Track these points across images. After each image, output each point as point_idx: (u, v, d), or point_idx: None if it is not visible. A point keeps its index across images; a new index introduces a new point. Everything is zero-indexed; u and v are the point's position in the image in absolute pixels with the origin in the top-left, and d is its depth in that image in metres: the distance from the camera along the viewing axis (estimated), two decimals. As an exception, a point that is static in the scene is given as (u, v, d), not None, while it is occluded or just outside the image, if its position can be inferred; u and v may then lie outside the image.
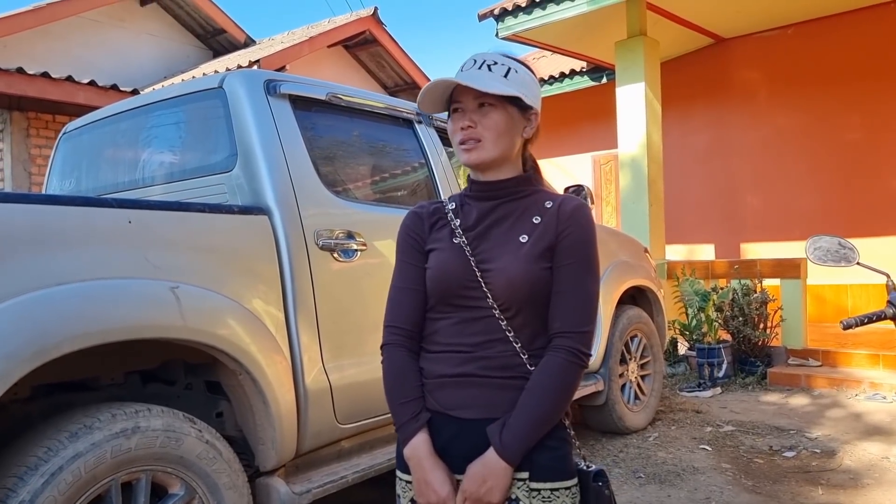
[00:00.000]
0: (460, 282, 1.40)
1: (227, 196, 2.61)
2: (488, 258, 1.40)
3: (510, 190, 1.46)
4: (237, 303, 2.32)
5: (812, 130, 7.94)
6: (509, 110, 1.41)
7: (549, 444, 1.38)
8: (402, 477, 1.46)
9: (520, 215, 1.44)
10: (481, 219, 1.46)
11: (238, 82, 2.67)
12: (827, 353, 6.11)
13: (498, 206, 1.46)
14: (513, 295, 1.37)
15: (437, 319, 1.45)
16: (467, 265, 1.40)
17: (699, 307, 6.35)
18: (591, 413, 4.52)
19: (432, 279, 1.44)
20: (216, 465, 2.18)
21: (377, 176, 3.21)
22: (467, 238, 1.43)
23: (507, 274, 1.38)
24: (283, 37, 12.89)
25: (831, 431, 4.50)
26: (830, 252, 2.19)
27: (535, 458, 1.36)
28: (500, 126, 1.41)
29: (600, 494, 1.41)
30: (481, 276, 1.39)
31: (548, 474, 1.37)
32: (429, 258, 1.47)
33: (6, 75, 7.10)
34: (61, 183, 3.37)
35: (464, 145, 1.42)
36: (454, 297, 1.42)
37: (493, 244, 1.42)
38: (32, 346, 1.79)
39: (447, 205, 1.52)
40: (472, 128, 1.41)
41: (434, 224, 1.50)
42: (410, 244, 1.50)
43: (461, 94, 1.42)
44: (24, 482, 1.78)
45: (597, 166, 10.03)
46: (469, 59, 1.44)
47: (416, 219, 1.52)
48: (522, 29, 7.23)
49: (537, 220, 1.43)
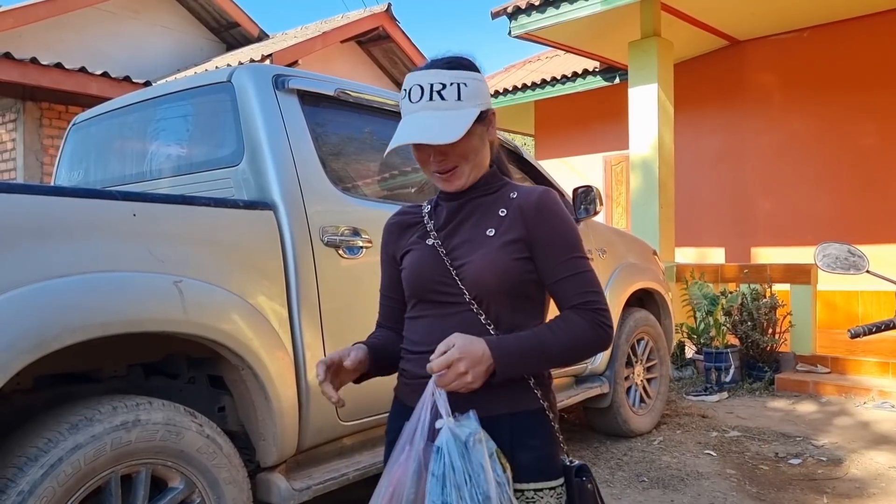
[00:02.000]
0: (433, 278, 1.42)
1: (234, 190, 2.61)
2: (459, 254, 1.42)
3: (479, 188, 1.47)
4: (241, 298, 2.31)
5: (826, 135, 7.87)
6: (474, 129, 1.38)
7: (533, 443, 1.37)
8: None
9: (486, 210, 1.46)
10: (451, 217, 1.48)
11: (246, 77, 2.66)
12: (836, 359, 6.06)
13: (466, 203, 1.48)
14: (483, 286, 1.38)
15: (416, 318, 1.48)
16: (440, 262, 1.42)
17: (707, 311, 6.31)
18: (595, 415, 4.50)
19: (407, 279, 1.48)
20: (216, 459, 2.17)
21: (384, 173, 3.20)
22: (440, 237, 1.46)
23: (478, 265, 1.38)
24: (297, 31, 12.90)
25: (838, 439, 4.46)
26: (839, 259, 2.16)
27: (517, 458, 1.35)
28: (472, 148, 1.41)
29: (583, 490, 1.40)
30: (454, 272, 1.40)
31: (531, 475, 1.36)
32: (403, 260, 1.51)
33: (20, 65, 7.14)
34: (70, 174, 3.38)
35: (441, 175, 1.42)
36: (430, 293, 1.44)
37: (462, 239, 1.44)
38: (34, 337, 1.79)
39: (424, 207, 1.55)
40: (444, 160, 1.39)
41: (407, 229, 1.54)
42: (383, 254, 1.60)
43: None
44: (23, 473, 1.78)
45: (608, 167, 9.99)
46: (414, 86, 1.36)
47: (387, 230, 1.60)
48: (535, 28, 7.19)
49: (503, 213, 1.44)
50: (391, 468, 1.32)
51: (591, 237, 4.24)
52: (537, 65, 10.99)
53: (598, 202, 3.91)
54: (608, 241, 4.44)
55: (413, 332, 1.48)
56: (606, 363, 4.29)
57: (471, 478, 1.23)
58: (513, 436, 1.36)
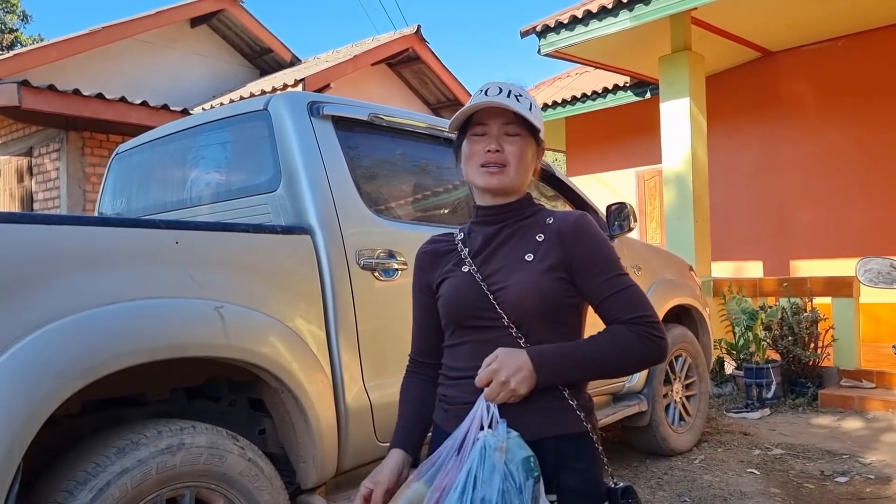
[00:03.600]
0: (471, 303, 1.44)
1: (271, 216, 2.66)
2: (498, 280, 1.44)
3: (514, 212, 1.50)
4: (280, 321, 2.35)
5: (864, 145, 7.73)
6: (529, 143, 1.47)
7: (577, 465, 1.38)
8: None
9: (523, 235, 1.48)
10: (487, 242, 1.50)
11: (282, 105, 2.72)
12: (882, 374, 5.90)
13: (502, 228, 1.50)
14: (524, 310, 1.40)
15: (454, 346, 1.49)
16: (478, 288, 1.44)
17: (746, 326, 6.21)
18: (634, 434, 4.45)
19: (444, 306, 1.50)
20: (258, 482, 2.20)
21: (418, 195, 3.24)
22: (476, 262, 1.48)
23: (518, 290, 1.40)
24: (328, 55, 13.11)
25: (886, 457, 4.34)
26: (882, 274, 2.14)
27: (562, 480, 1.36)
28: (524, 154, 1.46)
29: None
30: (493, 297, 1.42)
31: (576, 498, 1.37)
32: (440, 288, 1.52)
33: (64, 97, 7.38)
34: (113, 202, 3.48)
35: (486, 168, 1.45)
36: (468, 318, 1.45)
37: (499, 265, 1.46)
38: (83, 363, 1.85)
39: (457, 235, 1.57)
40: (499, 152, 1.43)
41: (441, 257, 1.56)
42: (416, 282, 1.61)
43: (487, 118, 1.45)
44: (73, 497, 1.82)
45: (641, 182, 9.93)
46: (492, 86, 1.46)
47: (420, 258, 1.61)
48: (564, 45, 7.21)
49: (540, 238, 1.46)
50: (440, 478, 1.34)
51: (626, 254, 4.22)
52: (567, 81, 11.00)
53: (631, 219, 3.90)
54: (643, 258, 4.41)
55: (453, 358, 1.49)
56: (644, 381, 4.25)
57: (475, 482, 1.26)
58: (558, 458, 1.37)
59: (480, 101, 1.42)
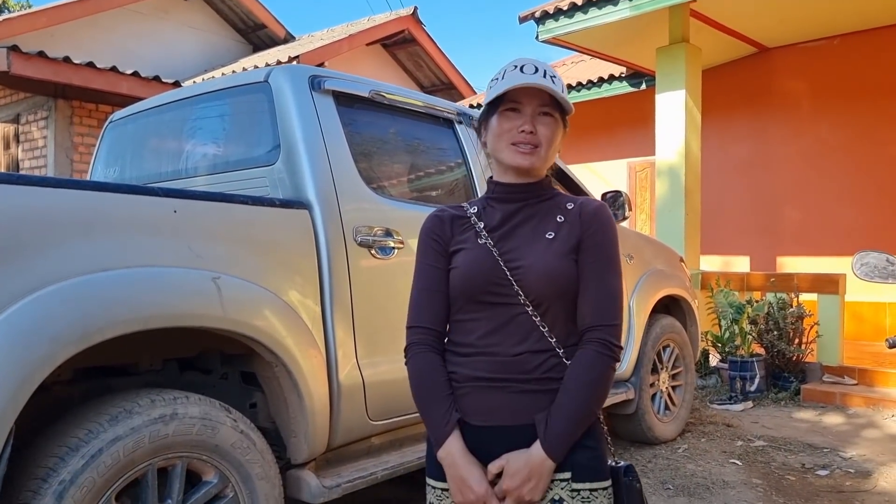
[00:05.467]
0: (489, 279, 1.42)
1: (269, 189, 2.63)
2: (517, 256, 1.43)
3: (535, 192, 1.50)
4: (275, 295, 2.34)
5: (855, 144, 7.78)
6: (559, 124, 1.47)
7: (588, 443, 1.40)
8: (435, 485, 1.46)
9: (544, 215, 1.48)
10: (506, 219, 1.48)
11: (284, 77, 2.69)
12: (864, 371, 5.98)
13: (523, 207, 1.49)
14: (545, 290, 1.40)
15: (466, 321, 1.45)
16: (495, 263, 1.42)
17: (733, 319, 6.26)
18: (620, 422, 4.48)
19: (461, 277, 1.45)
20: (250, 455, 2.20)
21: (416, 174, 3.22)
22: (492, 238, 1.46)
23: (539, 269, 1.40)
24: (323, 34, 12.99)
25: (866, 451, 4.40)
26: (878, 269, 2.15)
27: (575, 458, 1.38)
28: (555, 137, 1.46)
29: (631, 489, 1.45)
30: (511, 274, 1.41)
31: (588, 474, 1.39)
32: (454, 259, 1.48)
33: (53, 63, 7.25)
34: (106, 171, 3.43)
35: (518, 147, 1.43)
36: (483, 294, 1.42)
37: (520, 242, 1.45)
38: (77, 329, 1.83)
39: (468, 209, 1.53)
40: (532, 133, 1.43)
41: (457, 227, 1.51)
42: (433, 247, 1.50)
43: (523, 97, 1.43)
44: (64, 462, 1.81)
45: (632, 173, 9.94)
46: (528, 63, 1.44)
47: (437, 222, 1.53)
48: (563, 32, 7.18)
49: (561, 220, 1.47)
50: None
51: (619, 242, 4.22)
52: (563, 70, 10.97)
53: (626, 207, 3.91)
54: (636, 247, 4.42)
55: (462, 333, 1.46)
56: (632, 369, 4.28)
57: None
58: None
59: (520, 81, 1.40)
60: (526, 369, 1.39)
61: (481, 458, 1.39)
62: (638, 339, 4.26)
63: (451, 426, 1.40)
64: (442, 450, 1.40)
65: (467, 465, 1.37)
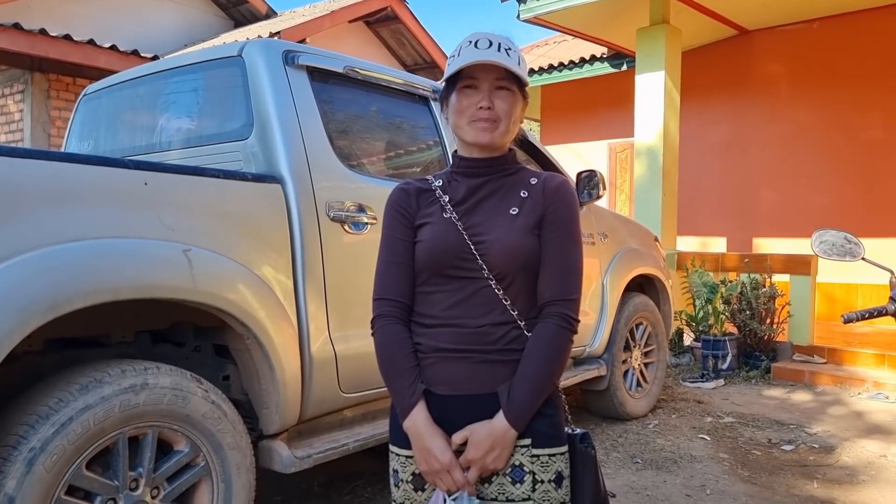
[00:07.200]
0: (454, 252, 1.44)
1: (242, 164, 2.64)
2: (481, 231, 1.45)
3: (499, 167, 1.51)
4: (247, 268, 2.36)
5: (832, 127, 7.87)
6: (518, 100, 1.47)
7: (546, 411, 1.44)
8: (399, 452, 1.48)
9: (508, 190, 1.50)
10: (471, 194, 1.50)
11: (257, 52, 2.69)
12: (833, 350, 6.11)
13: (487, 181, 1.50)
14: (508, 265, 1.43)
15: (431, 293, 1.47)
16: (460, 237, 1.44)
17: (707, 299, 6.35)
18: (592, 398, 4.56)
19: (425, 251, 1.47)
20: (221, 425, 2.23)
21: (391, 151, 3.23)
22: (457, 212, 1.47)
23: (503, 244, 1.43)
24: (305, 10, 12.85)
25: (831, 428, 4.52)
26: (836, 246, 2.20)
27: (534, 425, 1.42)
28: (513, 110, 1.47)
29: (586, 455, 1.48)
30: (475, 248, 1.43)
31: (547, 441, 1.43)
32: (420, 232, 1.49)
33: (29, 36, 7.15)
34: (80, 144, 3.42)
35: (479, 123, 1.45)
36: (448, 268, 1.45)
37: (484, 217, 1.47)
38: (46, 299, 1.84)
39: (433, 182, 1.54)
40: (490, 109, 1.44)
41: (423, 200, 1.52)
42: (399, 220, 1.51)
43: (479, 72, 1.43)
44: (35, 431, 1.83)
45: (612, 154, 9.99)
46: (482, 38, 1.44)
47: (403, 195, 1.53)
48: (545, 11, 7.17)
49: (524, 195, 1.49)
50: None
51: (594, 221, 4.28)
52: (545, 49, 10.96)
53: (601, 186, 3.95)
54: (610, 226, 4.48)
55: (427, 305, 1.48)
56: (605, 346, 4.34)
57: None
58: None
59: (473, 58, 1.40)
60: (489, 341, 1.43)
61: (446, 426, 1.42)
62: (611, 316, 4.32)
63: (416, 397, 1.43)
64: (408, 420, 1.43)
65: (432, 435, 1.40)
